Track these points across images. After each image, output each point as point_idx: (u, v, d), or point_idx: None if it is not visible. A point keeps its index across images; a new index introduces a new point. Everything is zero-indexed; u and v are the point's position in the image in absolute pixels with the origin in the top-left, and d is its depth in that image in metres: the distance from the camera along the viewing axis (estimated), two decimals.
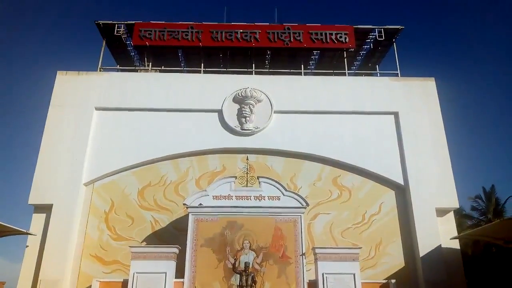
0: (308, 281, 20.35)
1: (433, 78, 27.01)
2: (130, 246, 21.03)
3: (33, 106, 68.05)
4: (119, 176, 24.62)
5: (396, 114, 25.78)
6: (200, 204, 21.43)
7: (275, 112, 25.65)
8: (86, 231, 23.31)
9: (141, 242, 22.84)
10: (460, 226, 31.03)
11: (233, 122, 25.40)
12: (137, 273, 19.80)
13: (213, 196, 21.66)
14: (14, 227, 16.61)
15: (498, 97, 75.22)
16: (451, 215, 24.23)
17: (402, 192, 24.33)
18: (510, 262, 29.23)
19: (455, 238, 22.82)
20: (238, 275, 18.12)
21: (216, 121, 25.54)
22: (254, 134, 25.23)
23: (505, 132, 72.69)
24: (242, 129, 25.16)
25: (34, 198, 23.15)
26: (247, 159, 23.67)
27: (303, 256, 20.70)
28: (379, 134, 25.43)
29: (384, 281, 20.93)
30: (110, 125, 25.40)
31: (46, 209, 23.07)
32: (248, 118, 25.31)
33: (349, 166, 24.77)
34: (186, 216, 21.60)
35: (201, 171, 24.80)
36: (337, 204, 24.14)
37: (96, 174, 24.29)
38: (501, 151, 73.82)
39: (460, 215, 34.98)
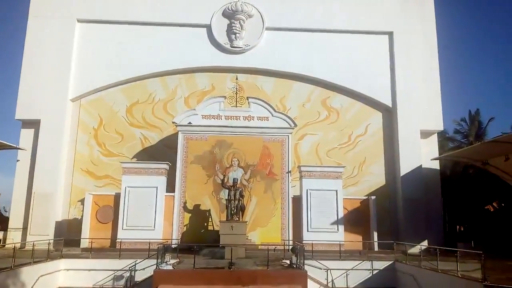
0: (292, 196, 21.44)
1: None
2: (121, 162, 21.51)
3: (12, 16, 64.24)
4: (106, 93, 24.26)
5: (390, 34, 25.08)
6: (190, 122, 21.54)
7: (266, 29, 24.69)
8: (76, 147, 23.57)
9: (132, 158, 23.30)
10: (442, 148, 32.01)
11: (222, 38, 24.49)
12: (129, 187, 20.53)
13: (202, 115, 21.71)
14: (3, 142, 16.65)
15: (496, 23, 73.02)
16: (434, 137, 24.94)
17: (389, 114, 24.64)
18: (485, 183, 30.89)
19: (435, 159, 23.74)
20: (227, 190, 18.89)
21: (204, 37, 24.59)
22: (244, 52, 24.53)
23: (499, 57, 71.96)
24: (232, 47, 24.37)
25: (21, 113, 22.93)
26: (237, 78, 23.30)
27: (289, 174, 21.53)
28: (372, 54, 24.94)
29: (365, 198, 22.16)
30: (95, 39, 24.35)
31: (34, 124, 23.00)
32: (238, 34, 24.38)
33: (339, 87, 24.67)
34: (176, 134, 21.82)
35: (190, 89, 24.50)
36: (324, 125, 24.48)
37: (82, 90, 23.87)
38: (491, 75, 73.77)
39: (443, 137, 35.83)
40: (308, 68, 24.57)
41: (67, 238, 19.52)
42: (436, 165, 24.18)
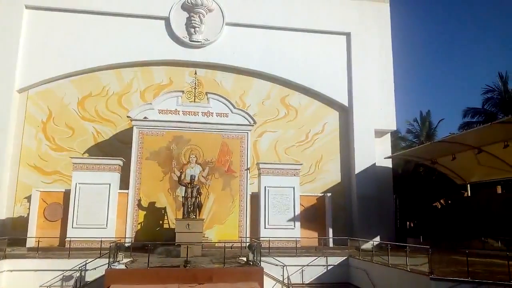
0: (251, 193, 21.41)
1: (388, 0, 26.67)
2: (71, 157, 20.50)
3: None
4: (56, 84, 23.00)
5: (348, 35, 25.64)
6: (145, 117, 20.90)
7: (227, 24, 24.43)
8: (22, 141, 22.20)
9: (83, 154, 22.28)
10: (395, 147, 33.27)
11: (181, 32, 23.96)
12: (79, 183, 19.61)
13: (159, 110, 21.13)
14: None
15: (450, 27, 76.96)
16: (387, 137, 25.83)
17: (345, 113, 25.20)
18: (433, 181, 32.48)
19: (388, 157, 24.61)
20: (184, 187, 18.53)
21: (162, 29, 23.93)
22: (203, 46, 24.14)
23: (450, 61, 75.92)
24: (191, 40, 23.91)
25: None
26: (196, 73, 22.92)
27: (248, 171, 21.47)
28: (330, 54, 25.39)
29: (321, 195, 22.54)
30: (45, 27, 22.99)
31: None
32: (197, 28, 23.94)
33: (298, 85, 24.90)
34: (131, 129, 21.10)
35: (146, 83, 23.78)
36: (283, 123, 24.65)
37: (30, 80, 22.49)
38: (442, 78, 77.70)
39: (396, 137, 37.31)
40: (268, 66, 24.61)
41: (12, 237, 18.35)
42: (388, 163, 25.06)
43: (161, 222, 20.22)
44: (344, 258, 16.75)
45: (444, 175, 24.83)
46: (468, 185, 22.87)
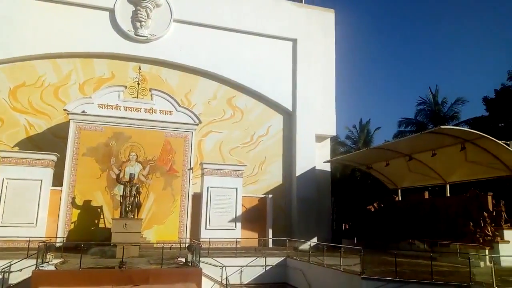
0: (193, 194, 21.18)
1: (333, 10, 27.71)
2: None
3: None
4: None
5: (295, 41, 26.26)
6: (84, 111, 19.93)
7: (174, 21, 23.97)
8: None
9: (13, 147, 20.72)
10: (334, 152, 34.69)
11: (126, 25, 23.11)
12: (7, 178, 18.27)
13: (98, 104, 20.25)
14: None
15: (392, 40, 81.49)
16: (327, 142, 26.80)
17: (289, 117, 25.77)
18: (368, 185, 34.25)
19: (327, 161, 25.55)
20: (122, 186, 17.88)
21: (106, 21, 22.93)
22: (149, 42, 23.49)
23: (390, 72, 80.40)
24: (136, 35, 23.16)
25: None
26: (140, 68, 22.24)
27: (191, 171, 21.23)
28: (277, 59, 25.84)
29: (263, 196, 22.86)
30: None
31: None
32: (144, 23, 23.25)
33: (245, 87, 25.06)
34: (67, 123, 20.00)
35: (86, 75, 22.64)
36: (229, 124, 24.67)
37: None
38: (381, 89, 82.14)
39: (335, 142, 38.95)
40: (215, 66, 24.50)
41: None
42: (328, 167, 26.01)
43: (96, 221, 19.35)
44: (282, 258, 17.09)
45: (378, 180, 26.26)
46: (399, 190, 24.37)
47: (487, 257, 14.76)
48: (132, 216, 17.22)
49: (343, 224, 24.44)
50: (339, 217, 32.82)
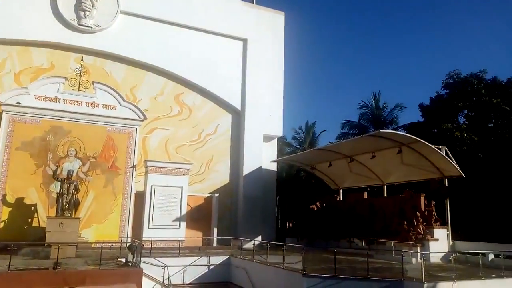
0: (136, 192, 20.58)
1: (283, 13, 28.11)
2: None
3: None
4: None
5: (245, 41, 26.34)
6: (18, 102, 18.67)
7: (121, 12, 23.04)
8: None
9: None
10: (280, 152, 35.30)
11: (69, 13, 21.85)
12: None
13: (35, 95, 19.09)
14: None
15: (339, 45, 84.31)
16: (274, 142, 27.19)
17: (237, 116, 25.81)
18: (312, 185, 35.25)
19: (274, 161, 25.95)
20: (59, 183, 16.94)
21: (47, 8, 21.51)
22: (94, 32, 22.39)
23: (337, 76, 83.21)
24: (80, 24, 21.98)
25: None
26: (82, 60, 21.23)
27: (134, 168, 20.61)
28: (227, 57, 25.76)
29: (209, 195, 22.72)
30: None
31: None
32: (88, 12, 22.12)
33: (194, 84, 24.71)
34: (0, 114, 18.65)
35: (23, 65, 21.08)
36: (176, 121, 24.21)
37: None
38: (327, 92, 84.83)
39: (282, 142, 39.65)
40: (164, 61, 23.91)
41: None
42: (274, 167, 26.40)
43: (30, 220, 18.22)
44: (226, 257, 17.11)
45: (322, 180, 27.10)
46: (341, 190, 25.32)
47: (419, 254, 15.74)
48: (69, 215, 16.37)
49: (287, 223, 24.90)
50: (284, 216, 33.41)
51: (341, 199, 24.96)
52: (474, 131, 28.23)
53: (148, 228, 19.99)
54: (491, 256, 15.28)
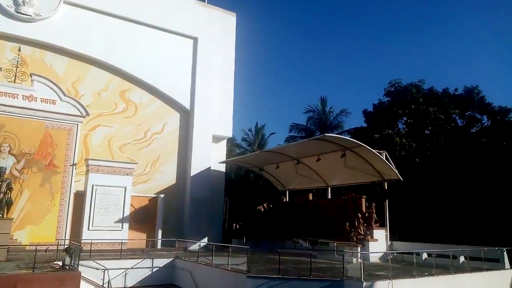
0: (75, 192, 19.59)
1: (235, 13, 28.12)
2: None
3: None
4: None
5: (195, 40, 25.99)
6: None
7: (65, 2, 21.82)
8: None
9: None
10: (230, 153, 35.28)
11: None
12: None
13: None
14: None
15: (289, 48, 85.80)
16: (224, 143, 27.09)
17: (186, 116, 25.40)
18: (260, 186, 35.60)
19: (222, 162, 25.83)
20: None
21: None
22: (33, 21, 20.97)
23: (287, 79, 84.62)
24: (18, 12, 20.48)
25: None
26: (20, 50, 19.85)
27: (74, 167, 19.60)
28: (177, 55, 25.26)
29: (154, 196, 22.14)
30: None
31: None
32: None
33: (141, 81, 23.97)
34: None
35: None
36: (121, 118, 23.32)
37: None
38: (277, 96, 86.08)
39: (232, 143, 39.69)
40: (110, 55, 22.96)
41: None
42: (222, 168, 26.28)
43: None
44: (171, 259, 16.73)
45: (269, 182, 27.41)
46: (287, 191, 25.77)
47: (359, 254, 16.37)
48: (1, 215, 15.22)
49: (234, 224, 24.89)
50: (232, 217, 33.41)
51: (287, 200, 25.39)
52: (413, 137, 29.99)
53: (88, 229, 19.08)
54: (424, 256, 16.24)
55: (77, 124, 19.94)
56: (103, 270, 13.90)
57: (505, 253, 15.00)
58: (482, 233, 22.39)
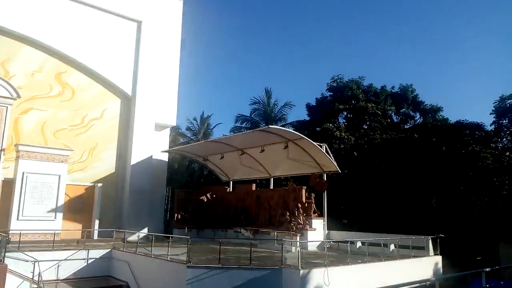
0: (3, 179, 18.23)
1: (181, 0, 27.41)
2: None
3: None
4: None
5: (139, 23, 25.00)
6: None
7: None
8: None
9: None
10: (174, 142, 34.65)
11: None
12: None
13: None
14: None
15: (238, 39, 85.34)
16: (167, 131, 26.48)
17: (128, 102, 24.44)
18: (205, 176, 35.37)
19: (165, 151, 25.30)
20: None
21: None
22: None
23: (235, 70, 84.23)
24: None
25: None
26: None
27: (2, 152, 18.17)
28: (119, 38, 24.15)
29: (91, 185, 21.19)
30: None
31: None
32: None
33: (79, 64, 22.65)
34: None
35: None
36: (56, 102, 21.94)
37: None
38: (224, 86, 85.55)
39: (176, 132, 38.96)
40: (45, 34, 21.44)
41: None
42: (165, 157, 25.72)
43: None
44: (108, 250, 16.20)
45: (213, 172, 27.32)
46: (231, 182, 25.86)
47: (298, 242, 16.88)
48: None
49: (175, 214, 24.53)
50: (174, 207, 32.93)
51: (231, 190, 25.49)
52: (352, 131, 31.30)
53: (18, 219, 17.89)
54: (359, 244, 17.13)
55: (7, 107, 18.44)
56: (33, 262, 13.11)
57: (430, 241, 16.25)
58: (411, 223, 24.01)
